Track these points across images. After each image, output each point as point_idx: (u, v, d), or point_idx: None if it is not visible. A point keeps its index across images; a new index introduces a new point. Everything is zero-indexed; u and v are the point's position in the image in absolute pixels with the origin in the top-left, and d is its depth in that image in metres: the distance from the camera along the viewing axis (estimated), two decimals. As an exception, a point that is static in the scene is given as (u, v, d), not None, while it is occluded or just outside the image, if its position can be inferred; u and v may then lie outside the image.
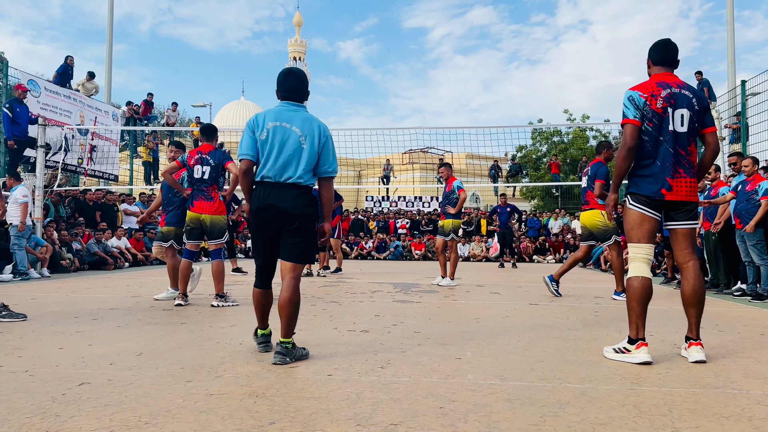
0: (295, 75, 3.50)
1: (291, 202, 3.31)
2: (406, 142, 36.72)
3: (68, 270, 10.85)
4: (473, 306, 6.12)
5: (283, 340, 3.31)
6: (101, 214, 13.59)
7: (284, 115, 3.39)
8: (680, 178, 3.37)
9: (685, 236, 3.48)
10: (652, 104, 3.38)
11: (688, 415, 2.37)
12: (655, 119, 3.37)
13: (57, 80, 15.27)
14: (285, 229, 3.36)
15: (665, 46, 3.57)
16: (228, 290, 6.34)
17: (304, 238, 3.39)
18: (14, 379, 2.84)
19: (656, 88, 3.41)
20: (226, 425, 2.18)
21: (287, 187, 3.33)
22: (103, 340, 3.90)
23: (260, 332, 3.64)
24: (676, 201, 3.39)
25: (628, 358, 3.36)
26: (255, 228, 3.42)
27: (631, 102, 3.41)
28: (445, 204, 8.68)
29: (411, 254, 18.80)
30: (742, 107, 13.57)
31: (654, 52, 3.58)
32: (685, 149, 3.40)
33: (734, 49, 15.58)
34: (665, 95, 3.39)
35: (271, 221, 3.35)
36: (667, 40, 3.60)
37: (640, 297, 3.37)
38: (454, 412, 2.37)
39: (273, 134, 3.34)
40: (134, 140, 19.42)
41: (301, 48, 71.83)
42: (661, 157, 3.38)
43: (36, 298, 6.50)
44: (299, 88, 3.48)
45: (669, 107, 3.38)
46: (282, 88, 3.48)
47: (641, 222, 3.43)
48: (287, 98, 3.47)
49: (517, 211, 15.38)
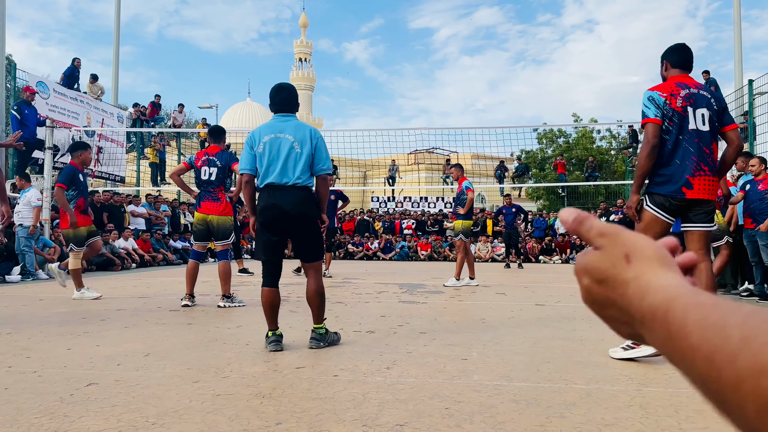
0: (285, 89, 3.86)
1: (291, 204, 3.64)
2: (412, 142, 36.77)
3: (76, 271, 10.89)
4: (479, 306, 6.12)
5: (316, 326, 3.75)
6: (108, 216, 13.65)
7: (277, 126, 3.75)
8: (703, 176, 3.38)
9: (700, 238, 3.51)
10: (672, 103, 3.39)
11: (695, 416, 2.36)
12: (676, 118, 3.38)
13: (64, 82, 15.36)
14: (292, 233, 3.72)
15: (683, 50, 3.60)
16: (234, 291, 6.36)
17: (312, 237, 3.75)
18: (23, 380, 2.86)
19: (675, 88, 3.44)
20: (232, 426, 2.19)
21: (288, 188, 3.66)
22: (110, 341, 3.92)
23: (270, 333, 3.70)
24: (696, 200, 3.39)
25: (636, 353, 3.39)
26: (260, 227, 3.71)
27: (651, 102, 3.43)
28: (456, 205, 8.78)
29: (417, 255, 18.80)
30: (749, 106, 13.51)
31: (672, 55, 3.61)
32: (708, 147, 3.41)
33: (741, 49, 15.51)
34: (684, 95, 3.41)
35: (274, 220, 3.65)
36: (683, 44, 3.64)
37: None
38: (460, 413, 2.37)
39: (270, 145, 3.70)
40: (141, 142, 19.51)
41: (306, 49, 71.92)
42: (680, 156, 3.39)
43: (44, 299, 6.55)
44: (289, 100, 3.85)
45: (689, 106, 3.39)
46: (274, 101, 3.84)
47: (653, 225, 3.46)
48: (279, 111, 3.82)
49: (522, 211, 15.36)
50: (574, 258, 17.27)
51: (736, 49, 15.48)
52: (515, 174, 25.65)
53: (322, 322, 3.76)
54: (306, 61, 71.80)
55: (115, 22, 19.33)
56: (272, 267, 3.75)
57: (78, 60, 16.07)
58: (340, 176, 27.38)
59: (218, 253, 6.02)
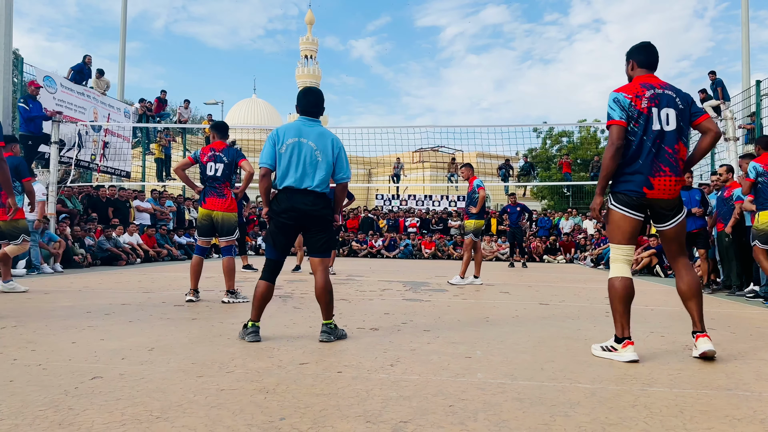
0: (313, 93, 3.97)
1: (311, 204, 3.80)
2: (417, 140, 36.65)
3: (81, 265, 10.95)
4: (483, 305, 6.11)
5: (326, 321, 3.86)
6: (114, 211, 13.70)
7: (302, 130, 3.86)
8: (664, 176, 3.39)
9: (673, 236, 3.52)
10: (636, 105, 3.41)
11: (700, 416, 2.35)
12: (641, 119, 3.40)
13: (72, 77, 15.40)
14: (309, 230, 3.88)
15: (649, 49, 3.60)
16: (238, 287, 6.38)
17: (327, 234, 3.92)
18: (28, 373, 2.88)
19: (640, 89, 3.45)
20: (236, 420, 2.20)
21: (306, 193, 3.80)
22: (115, 335, 3.93)
23: (251, 324, 3.82)
24: (660, 200, 3.40)
25: (615, 356, 3.41)
26: (276, 228, 3.85)
27: (617, 103, 3.45)
28: (467, 204, 8.75)
29: (421, 253, 18.80)
30: (756, 107, 13.45)
31: (638, 54, 3.61)
32: (672, 147, 3.41)
33: (749, 50, 15.44)
34: (650, 95, 3.43)
35: (292, 221, 3.81)
36: (649, 42, 3.64)
37: (622, 297, 3.43)
38: (464, 411, 2.36)
39: (292, 149, 3.81)
40: (147, 137, 19.54)
41: (312, 46, 71.88)
42: (642, 156, 3.41)
43: (49, 292, 6.57)
44: (316, 104, 3.95)
45: (654, 107, 3.41)
46: (301, 104, 3.94)
47: (622, 223, 3.47)
48: (305, 113, 3.93)
49: (527, 210, 15.34)
50: (578, 257, 17.24)
51: (744, 50, 15.41)
52: (520, 173, 25.59)
53: (331, 317, 3.88)
54: (312, 58, 71.75)
55: (122, 17, 19.37)
56: (275, 264, 3.91)
57: (89, 57, 16.09)
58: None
59: (222, 249, 6.02)
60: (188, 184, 6.08)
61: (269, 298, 3.90)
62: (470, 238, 8.60)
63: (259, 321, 3.85)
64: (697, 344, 3.44)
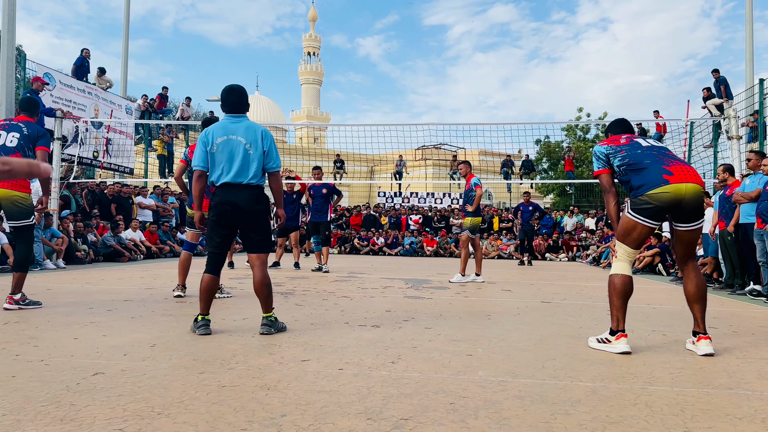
0: (235, 91, 4.06)
1: (245, 200, 3.90)
2: (420, 138, 36.61)
3: (83, 261, 10.97)
4: (485, 303, 6.11)
5: (266, 314, 3.96)
6: (116, 207, 13.71)
7: (229, 128, 3.97)
8: (676, 164, 3.56)
9: (689, 239, 3.64)
10: (615, 143, 3.75)
11: (701, 415, 2.35)
12: (625, 148, 3.71)
13: (75, 73, 15.40)
14: (243, 227, 3.97)
15: (623, 122, 4.03)
16: (238, 283, 6.38)
17: (261, 231, 4.00)
18: (30, 368, 2.88)
19: (616, 138, 3.84)
20: (237, 417, 2.20)
21: (242, 187, 3.91)
22: (117, 331, 3.94)
23: (200, 318, 3.90)
24: (686, 194, 3.46)
25: (608, 347, 3.56)
26: (214, 220, 3.95)
27: (596, 157, 3.81)
28: (464, 202, 8.77)
29: (423, 250, 18.79)
30: (759, 105, 13.42)
31: (615, 129, 4.01)
32: (670, 155, 3.70)
33: (753, 48, 15.38)
34: (626, 137, 3.81)
35: (227, 215, 3.90)
36: (623, 118, 4.09)
37: (621, 292, 3.63)
38: (465, 408, 2.37)
39: (223, 147, 3.93)
40: (149, 133, 19.55)
41: (315, 43, 71.80)
42: (648, 160, 3.59)
43: (51, 288, 6.59)
44: (240, 101, 4.05)
45: (634, 139, 3.77)
46: (226, 102, 4.04)
47: (634, 230, 3.62)
48: (230, 111, 4.04)
49: (539, 210, 15.31)
50: (581, 256, 17.22)
51: (748, 49, 15.35)
52: (521, 171, 25.55)
53: (271, 310, 3.98)
54: (315, 55, 71.67)
55: (125, 14, 19.35)
56: (217, 257, 4.02)
57: (86, 50, 16.04)
58: (347, 171, 27.39)
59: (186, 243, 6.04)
60: (185, 191, 5.98)
61: (214, 289, 3.99)
62: (467, 234, 8.61)
63: (208, 314, 3.93)
64: (698, 345, 3.53)
